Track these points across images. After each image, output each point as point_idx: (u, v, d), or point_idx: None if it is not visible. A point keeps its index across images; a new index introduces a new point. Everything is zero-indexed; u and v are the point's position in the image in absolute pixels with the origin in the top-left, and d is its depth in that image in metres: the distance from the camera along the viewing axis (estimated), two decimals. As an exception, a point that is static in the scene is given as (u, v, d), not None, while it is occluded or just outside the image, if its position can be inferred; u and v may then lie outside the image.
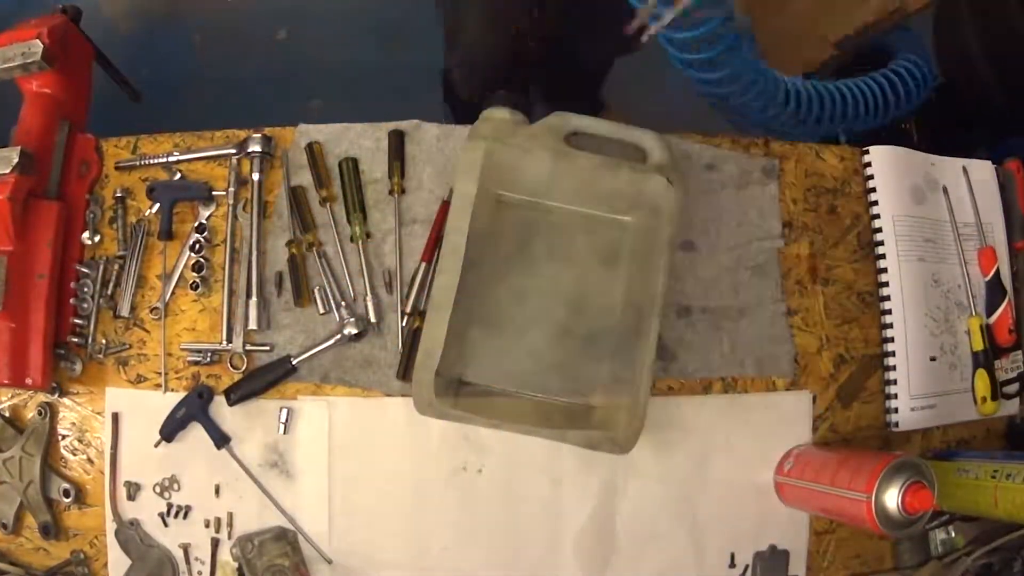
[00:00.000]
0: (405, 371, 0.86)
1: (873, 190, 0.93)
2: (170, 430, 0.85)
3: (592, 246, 0.86)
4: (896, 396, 0.90)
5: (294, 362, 0.85)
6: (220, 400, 0.86)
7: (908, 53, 1.11)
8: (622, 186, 0.82)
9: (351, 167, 0.89)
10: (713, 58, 0.88)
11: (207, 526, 0.86)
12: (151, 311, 0.88)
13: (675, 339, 0.89)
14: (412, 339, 0.86)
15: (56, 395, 0.87)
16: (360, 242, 0.88)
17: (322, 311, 0.87)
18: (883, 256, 0.92)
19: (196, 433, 0.86)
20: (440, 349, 0.76)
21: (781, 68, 1.04)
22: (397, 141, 0.89)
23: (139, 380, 0.87)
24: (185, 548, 0.86)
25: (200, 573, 0.86)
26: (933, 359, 0.91)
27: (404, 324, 0.87)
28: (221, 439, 0.85)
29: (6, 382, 0.80)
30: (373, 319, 0.87)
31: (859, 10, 1.10)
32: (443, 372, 0.78)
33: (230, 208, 0.88)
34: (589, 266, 0.86)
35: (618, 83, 1.41)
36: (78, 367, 0.86)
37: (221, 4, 1.45)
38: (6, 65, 0.82)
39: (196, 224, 0.89)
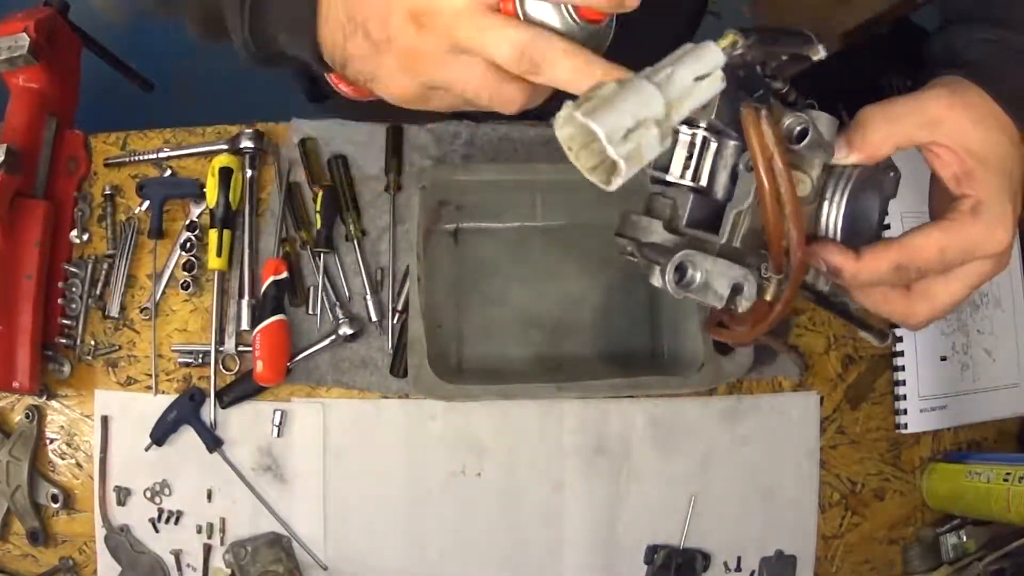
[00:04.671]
0: (398, 366, 0.84)
1: (882, 185, 0.91)
2: (161, 433, 0.83)
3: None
4: (905, 397, 0.88)
5: (288, 363, 0.83)
6: (212, 402, 0.84)
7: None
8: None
9: (341, 165, 0.87)
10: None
11: (199, 532, 0.84)
12: (141, 311, 0.86)
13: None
14: (401, 331, 0.85)
15: (44, 398, 0.85)
16: (356, 240, 0.86)
17: (317, 311, 0.85)
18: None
19: (188, 436, 0.84)
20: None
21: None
22: (395, 137, 0.87)
23: (129, 382, 0.85)
24: (177, 554, 0.84)
25: (192, 580, 0.84)
26: (944, 359, 0.89)
27: (396, 321, 0.85)
28: (213, 442, 0.83)
29: (-8, 385, 0.79)
30: (374, 318, 0.85)
31: (868, 1, 1.08)
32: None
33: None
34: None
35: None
36: (66, 369, 0.84)
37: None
38: (-9, 59, 0.81)
39: (187, 222, 0.87)
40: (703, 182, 0.48)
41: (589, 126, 0.36)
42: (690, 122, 0.47)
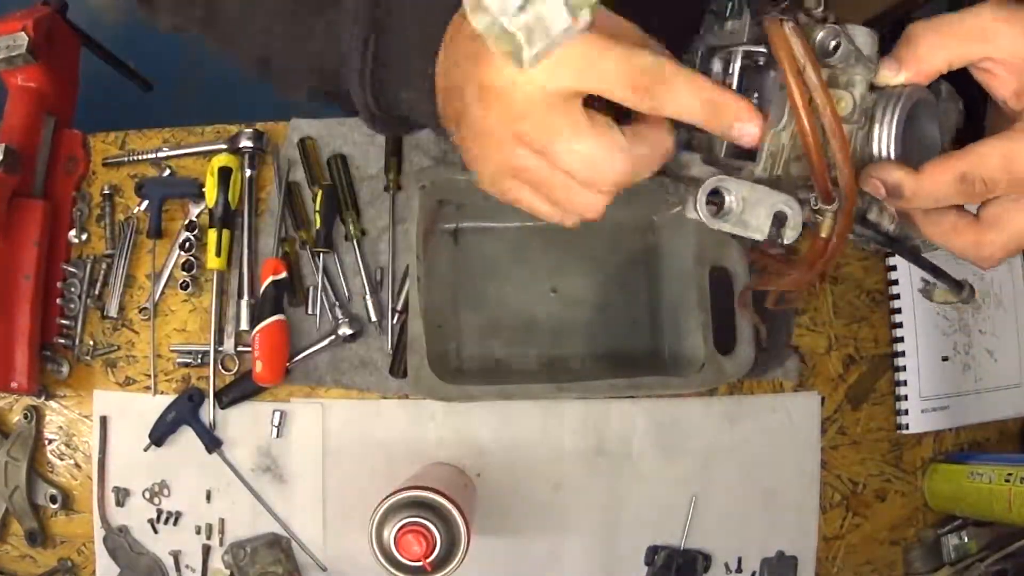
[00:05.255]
0: (397, 366, 0.84)
1: (883, 185, 0.90)
2: (160, 434, 0.83)
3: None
4: (906, 397, 0.88)
5: (288, 364, 0.83)
6: (211, 403, 0.83)
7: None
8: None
9: (340, 164, 0.86)
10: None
11: (198, 533, 0.84)
12: (140, 311, 0.86)
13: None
14: (401, 331, 0.84)
15: (42, 398, 0.85)
16: (355, 240, 0.85)
17: (316, 311, 0.85)
18: (892, 253, 0.89)
19: (186, 437, 0.84)
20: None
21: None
22: (395, 136, 0.87)
23: (128, 382, 0.85)
24: (175, 555, 0.84)
25: (191, 581, 0.84)
26: (945, 359, 0.89)
27: (395, 321, 0.85)
28: (212, 443, 0.83)
29: (-9, 385, 0.79)
30: (374, 318, 0.84)
31: (869, 1, 1.07)
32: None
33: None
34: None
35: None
36: (65, 369, 0.84)
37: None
38: (-10, 58, 0.80)
39: (186, 222, 0.86)
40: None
41: (482, 2, 0.33)
42: (724, 46, 0.46)
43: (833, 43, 0.44)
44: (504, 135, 0.44)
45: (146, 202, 0.86)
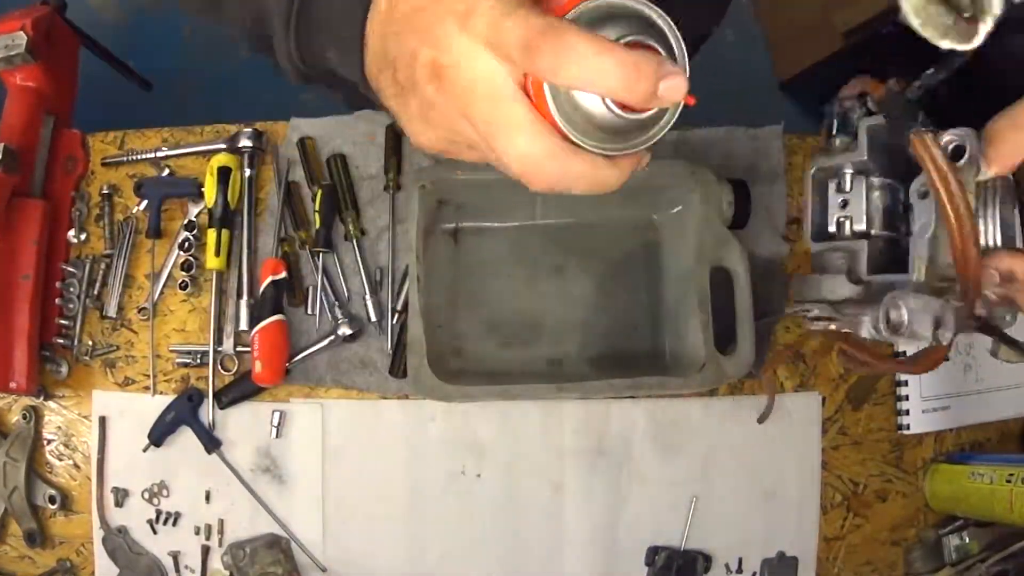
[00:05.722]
0: (397, 366, 0.84)
1: (884, 185, 0.90)
2: (159, 434, 0.83)
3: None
4: (907, 398, 0.87)
5: (287, 364, 0.83)
6: (210, 403, 0.83)
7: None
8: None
9: (340, 164, 0.86)
10: None
11: (197, 533, 0.83)
12: (139, 311, 0.85)
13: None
14: (401, 331, 0.84)
15: (41, 398, 0.84)
16: (355, 240, 0.85)
17: (315, 311, 0.85)
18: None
19: (186, 437, 0.84)
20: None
21: (790, 60, 1.01)
22: (395, 136, 0.87)
23: (127, 383, 0.85)
24: (175, 556, 0.83)
25: (190, 581, 0.83)
26: (946, 359, 0.88)
27: (395, 321, 0.85)
28: (211, 443, 0.83)
29: (-10, 385, 0.78)
30: (374, 318, 0.84)
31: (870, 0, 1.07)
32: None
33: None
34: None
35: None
36: (64, 369, 0.84)
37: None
38: (-12, 58, 0.80)
39: (185, 221, 0.86)
40: (875, 228, 0.49)
41: None
42: (836, 171, 0.49)
43: (954, 146, 0.47)
44: (452, 111, 0.43)
45: (145, 202, 0.86)
